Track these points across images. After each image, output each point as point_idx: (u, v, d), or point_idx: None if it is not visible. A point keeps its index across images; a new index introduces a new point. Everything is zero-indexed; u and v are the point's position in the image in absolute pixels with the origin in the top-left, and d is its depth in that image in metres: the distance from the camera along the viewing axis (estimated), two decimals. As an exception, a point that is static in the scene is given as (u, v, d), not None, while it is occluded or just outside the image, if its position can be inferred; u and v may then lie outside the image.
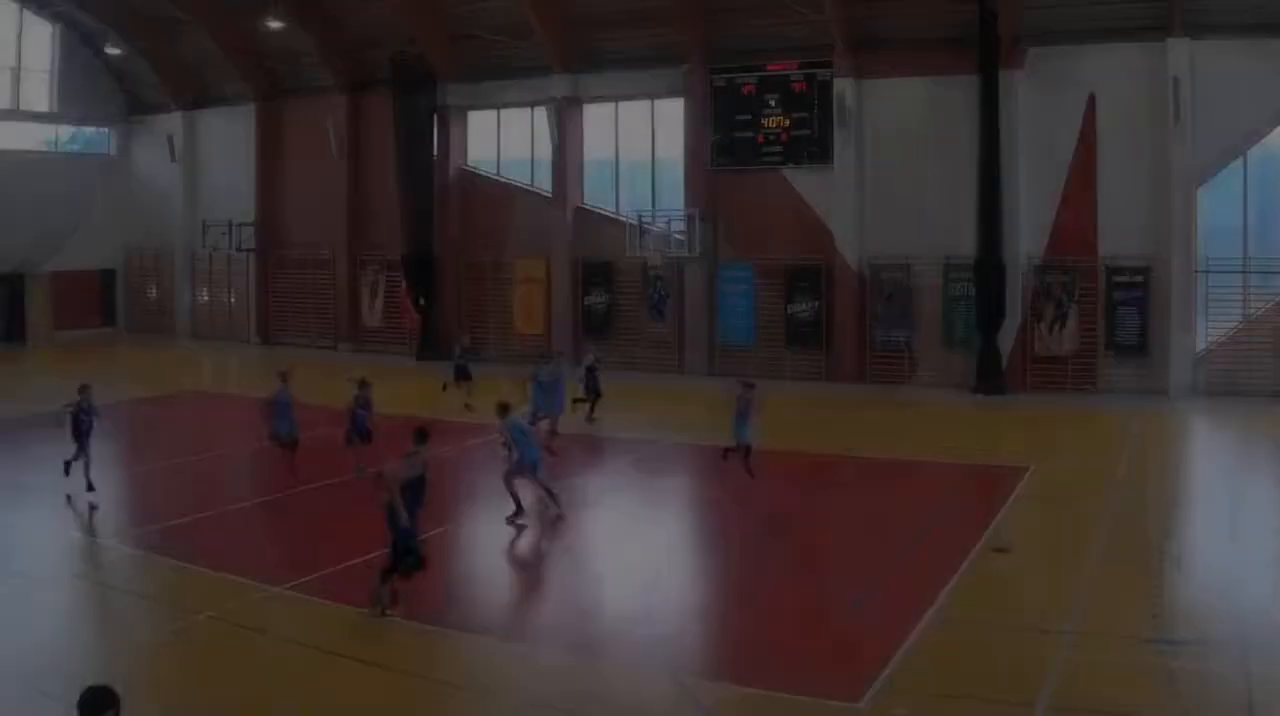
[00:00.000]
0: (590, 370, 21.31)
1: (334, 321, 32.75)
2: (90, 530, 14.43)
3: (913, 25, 23.87)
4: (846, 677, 9.13)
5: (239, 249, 33.97)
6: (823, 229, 24.83)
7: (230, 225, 33.76)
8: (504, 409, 14.23)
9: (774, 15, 24.64)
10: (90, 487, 15.30)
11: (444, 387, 22.14)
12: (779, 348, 25.57)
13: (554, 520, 14.02)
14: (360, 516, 13.67)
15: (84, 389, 15.76)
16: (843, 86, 24.34)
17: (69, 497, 15.31)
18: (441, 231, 30.05)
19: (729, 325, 26.13)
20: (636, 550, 13.67)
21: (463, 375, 22.01)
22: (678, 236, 26.08)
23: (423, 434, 11.42)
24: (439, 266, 30.07)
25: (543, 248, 28.60)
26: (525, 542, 13.78)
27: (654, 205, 27.28)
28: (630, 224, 26.70)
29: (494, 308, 29.89)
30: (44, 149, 36.92)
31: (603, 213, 28.20)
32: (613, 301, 27.75)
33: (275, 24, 29.60)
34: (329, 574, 12.00)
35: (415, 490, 10.88)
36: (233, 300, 35.27)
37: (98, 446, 16.93)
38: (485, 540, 14.02)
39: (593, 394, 20.97)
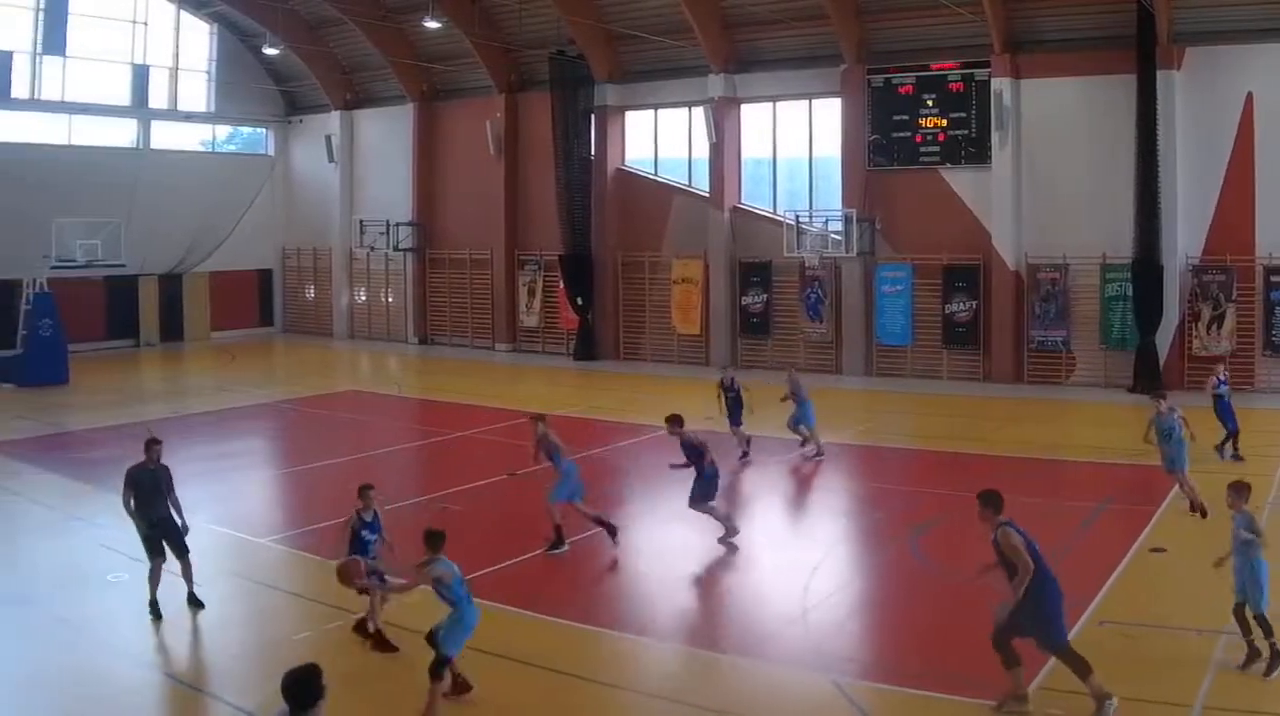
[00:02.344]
0: None
1: (491, 321, 39.66)
2: (249, 530, 17.14)
3: (1070, 25, 28.89)
4: (1002, 678, 10.74)
5: (396, 248, 41.45)
6: (980, 229, 30.00)
7: (388, 225, 41.23)
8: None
9: (931, 15, 29.84)
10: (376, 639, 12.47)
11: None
12: (936, 348, 30.89)
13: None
14: (514, 517, 17.52)
15: (363, 491, 13.03)
16: (1000, 86, 29.44)
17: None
18: (599, 231, 36.62)
19: (887, 325, 31.35)
20: (791, 550, 16.62)
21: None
22: (835, 236, 31.54)
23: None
24: (596, 266, 36.53)
25: (700, 247, 34.67)
26: (683, 544, 16.50)
27: (811, 205, 33.07)
28: (788, 223, 32.29)
29: (651, 308, 36.02)
30: (202, 149, 45.37)
31: (760, 212, 34.20)
32: (770, 301, 33.43)
33: (432, 24, 36.06)
34: (485, 574, 14.41)
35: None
36: (390, 300, 42.85)
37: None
38: (646, 542, 16.90)
39: None
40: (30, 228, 34.92)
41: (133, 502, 13.54)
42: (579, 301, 36.58)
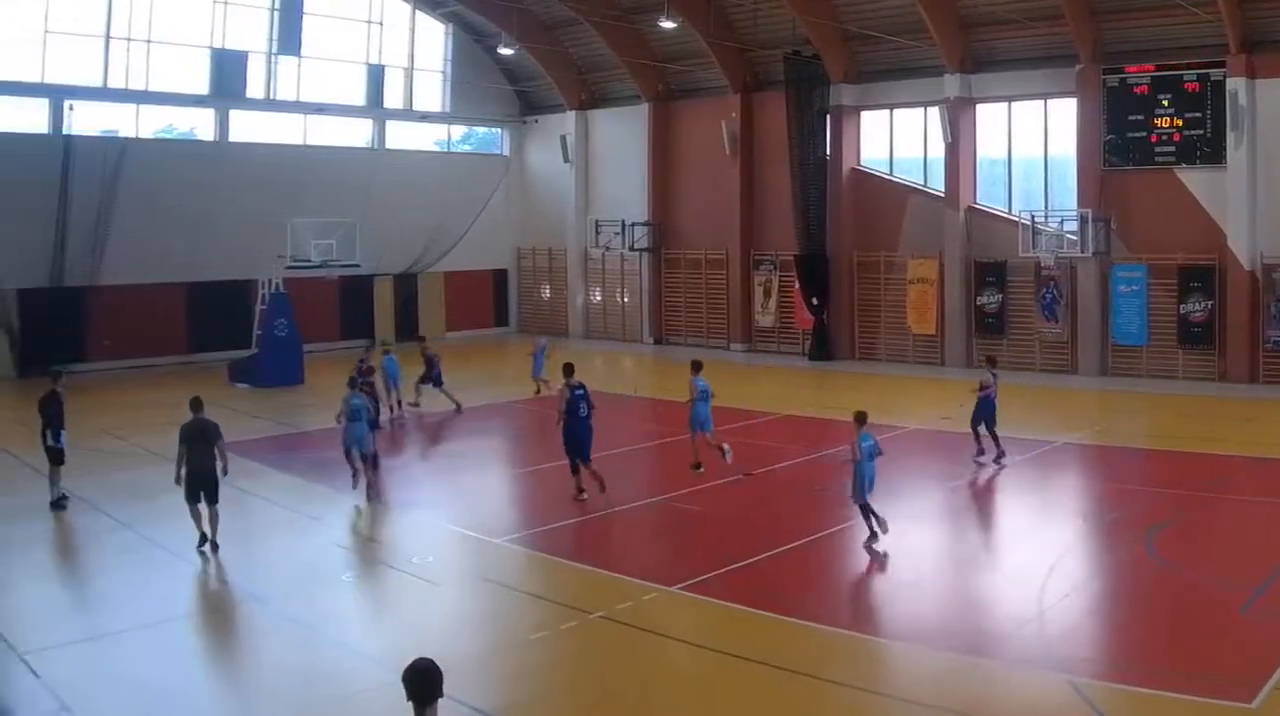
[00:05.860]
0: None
1: (727, 321, 47.86)
2: (484, 530, 20.22)
3: (1305, 25, 34.34)
4: (1237, 678, 12.79)
5: (632, 248, 50.06)
6: (1215, 229, 36.08)
7: (623, 225, 49.85)
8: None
9: (1166, 15, 36.04)
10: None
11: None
12: (1171, 348, 37.03)
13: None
14: (750, 517, 20.86)
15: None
16: (1235, 86, 35.41)
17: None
18: (834, 231, 44.29)
19: (1122, 325, 37.56)
20: (1026, 549, 19.27)
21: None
22: (1070, 236, 37.93)
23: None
24: (831, 266, 44.17)
25: (935, 247, 41.84)
26: (919, 544, 19.51)
27: (1046, 205, 39.72)
28: (1023, 223, 39.00)
29: (886, 307, 43.34)
30: (437, 149, 54.80)
31: (995, 212, 41.13)
32: (1005, 301, 40.09)
33: (668, 24, 43.74)
34: (722, 574, 17.30)
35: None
36: (625, 300, 51.63)
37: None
38: (883, 542, 19.18)
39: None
40: (266, 228, 42.08)
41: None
42: (814, 301, 44.06)
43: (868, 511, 18.78)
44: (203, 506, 18.94)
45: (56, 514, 21.97)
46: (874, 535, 18.75)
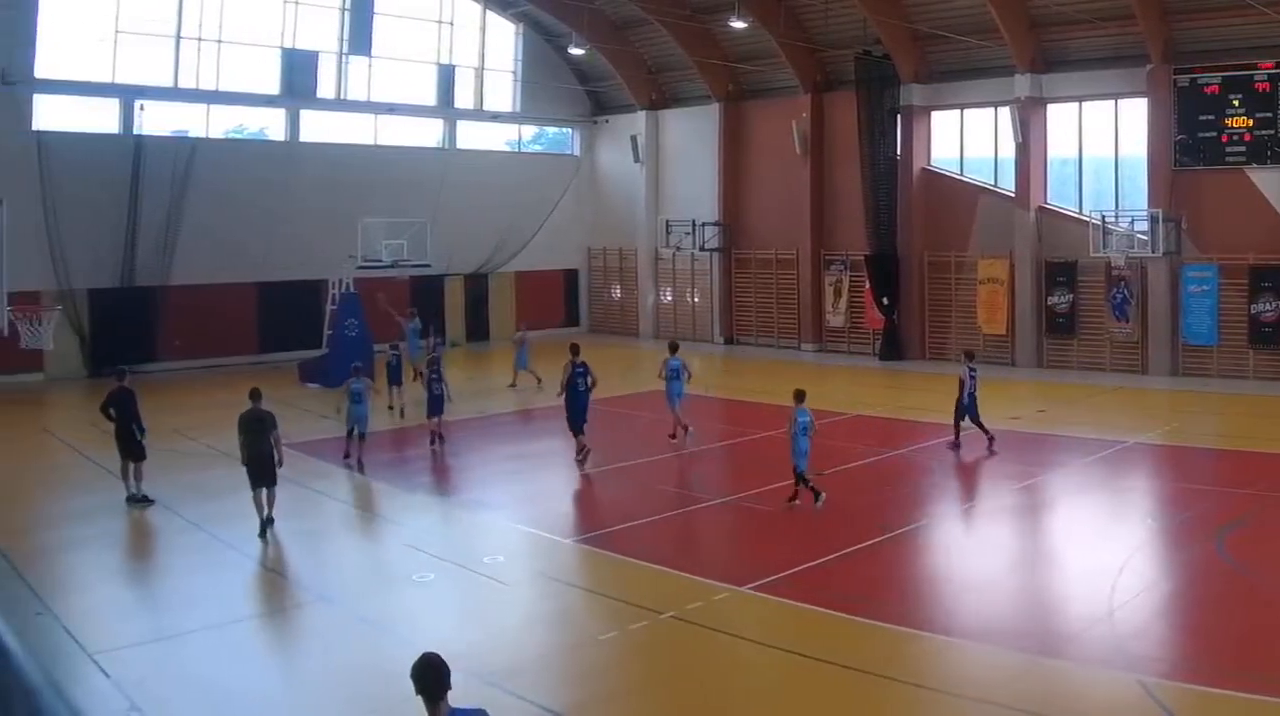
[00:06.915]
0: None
1: (797, 321, 49.55)
2: (555, 530, 21.15)
3: (1377, 24, 35.36)
4: None
5: (702, 248, 51.79)
6: (1286, 229, 36.86)
7: (693, 225, 51.62)
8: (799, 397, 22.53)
9: (1237, 15, 37.20)
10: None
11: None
12: (1242, 348, 38.24)
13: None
14: (819, 517, 21.39)
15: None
16: (1306, 86, 36.19)
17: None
18: (904, 231, 45.80)
19: (1193, 325, 38.76)
20: (1096, 548, 19.60)
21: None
22: (1141, 236, 39.09)
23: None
24: (902, 266, 45.58)
25: (1005, 247, 43.20)
26: (988, 543, 20.78)
27: (1117, 205, 40.99)
28: (1093, 224, 40.22)
29: (956, 307, 44.72)
30: (507, 149, 56.68)
31: (1066, 212, 42.39)
32: (1075, 301, 41.37)
33: (738, 24, 45.23)
34: (793, 574, 17.86)
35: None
36: (696, 300, 53.31)
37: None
38: (943, 539, 20.67)
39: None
40: (336, 228, 43.14)
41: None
42: (884, 301, 45.59)
43: (801, 478, 21.88)
44: (263, 492, 20.75)
45: (138, 510, 22.91)
46: (816, 496, 21.77)
